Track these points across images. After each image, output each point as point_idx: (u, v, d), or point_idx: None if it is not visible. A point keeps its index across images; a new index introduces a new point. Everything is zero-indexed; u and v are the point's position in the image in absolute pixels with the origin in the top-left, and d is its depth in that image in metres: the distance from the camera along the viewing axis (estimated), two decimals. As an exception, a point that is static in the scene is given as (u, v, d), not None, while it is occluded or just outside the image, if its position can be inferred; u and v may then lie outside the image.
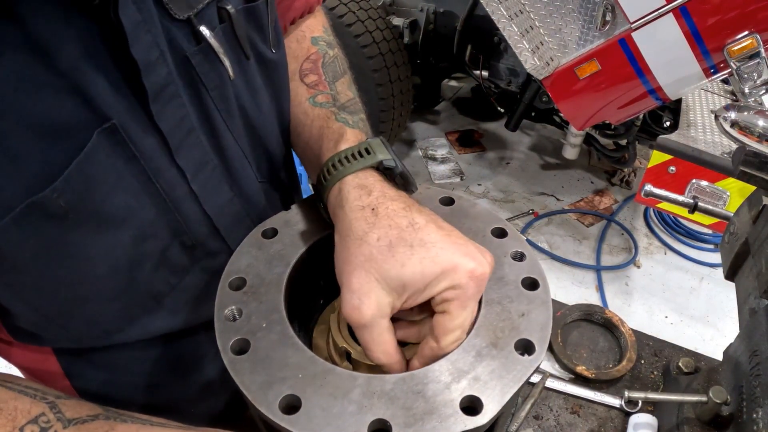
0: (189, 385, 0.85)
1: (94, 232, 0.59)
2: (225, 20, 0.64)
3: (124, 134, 0.56)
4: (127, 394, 0.79)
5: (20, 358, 0.76)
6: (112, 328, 0.70)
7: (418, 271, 0.55)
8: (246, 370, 0.52)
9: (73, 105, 0.52)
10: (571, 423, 0.84)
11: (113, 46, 0.53)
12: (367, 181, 0.64)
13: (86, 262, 0.61)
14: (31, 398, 0.57)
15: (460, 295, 0.55)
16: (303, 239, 0.67)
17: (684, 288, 3.04)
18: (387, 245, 0.57)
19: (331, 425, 0.48)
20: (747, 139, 1.90)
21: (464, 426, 0.48)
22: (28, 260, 0.56)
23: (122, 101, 0.56)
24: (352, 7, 3.05)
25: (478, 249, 0.58)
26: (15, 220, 0.51)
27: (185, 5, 0.59)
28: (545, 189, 3.75)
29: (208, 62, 0.63)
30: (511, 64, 3.09)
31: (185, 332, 0.78)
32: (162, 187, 0.63)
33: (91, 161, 0.54)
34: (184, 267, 0.72)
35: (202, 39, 0.61)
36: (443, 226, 0.59)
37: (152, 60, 0.56)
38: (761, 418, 0.61)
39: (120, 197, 0.59)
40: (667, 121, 2.72)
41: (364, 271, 0.57)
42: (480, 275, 0.56)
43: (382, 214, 0.59)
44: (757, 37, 1.85)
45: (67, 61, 0.50)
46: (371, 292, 0.56)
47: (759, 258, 0.67)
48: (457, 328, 0.56)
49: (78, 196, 0.55)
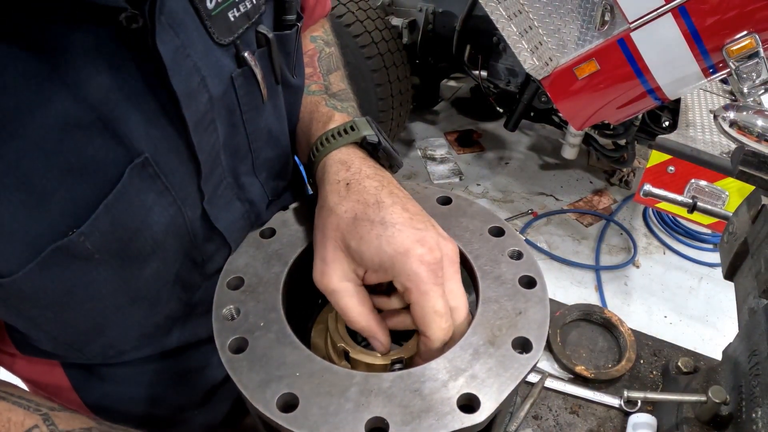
0: (192, 393, 0.85)
1: (119, 268, 0.58)
2: (263, 45, 0.65)
3: (156, 167, 0.54)
4: (131, 404, 0.78)
5: (25, 371, 0.75)
6: (126, 348, 0.70)
7: (374, 247, 0.57)
8: (244, 369, 0.52)
9: (102, 140, 0.49)
10: (570, 423, 0.84)
11: (148, 76, 0.50)
12: (348, 156, 0.67)
13: (109, 297, 0.60)
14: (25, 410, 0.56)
15: (415, 281, 0.56)
16: (301, 239, 0.67)
17: (683, 288, 3.04)
18: (352, 218, 0.60)
19: (328, 423, 0.48)
20: (746, 138, 1.90)
21: (461, 424, 0.48)
22: (50, 297, 0.55)
23: (156, 133, 0.53)
24: (351, 7, 3.05)
25: (437, 235, 0.59)
26: (40, 265, 0.50)
27: (226, 30, 0.58)
28: (544, 189, 3.75)
29: (248, 85, 0.63)
30: (510, 64, 3.09)
31: (194, 345, 0.78)
32: (187, 215, 0.62)
33: (121, 200, 0.52)
34: (196, 284, 0.72)
35: (244, 62, 0.61)
36: (409, 208, 0.61)
37: (193, 88, 0.54)
38: (760, 418, 0.61)
39: (148, 235, 0.58)
40: (666, 121, 2.72)
41: (332, 241, 0.60)
42: (430, 261, 0.56)
43: (353, 189, 0.62)
44: (756, 37, 1.85)
45: (97, 93, 0.47)
46: (336, 261, 0.60)
47: (758, 258, 0.67)
48: (430, 315, 0.56)
49: (105, 237, 0.53)
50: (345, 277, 0.60)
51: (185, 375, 0.82)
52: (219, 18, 0.56)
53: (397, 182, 0.67)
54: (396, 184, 0.66)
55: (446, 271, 0.58)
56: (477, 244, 0.66)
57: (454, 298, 0.58)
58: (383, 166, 0.70)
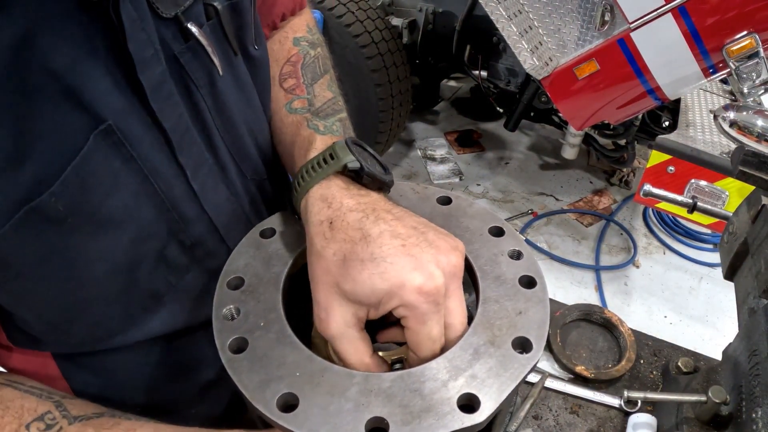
0: (188, 387, 0.85)
1: (93, 234, 0.59)
2: (212, 17, 0.65)
3: (120, 135, 0.56)
4: (126, 397, 0.78)
5: (19, 364, 0.75)
6: (113, 330, 0.70)
7: (368, 287, 0.54)
8: (244, 369, 0.52)
9: (67, 108, 0.51)
10: (570, 423, 0.84)
11: (107, 45, 0.53)
12: (329, 191, 0.63)
13: (87, 265, 0.60)
14: (38, 397, 0.57)
15: (413, 312, 0.54)
16: (301, 239, 0.67)
17: (683, 288, 3.04)
18: (341, 260, 0.57)
19: (328, 423, 0.48)
20: (746, 138, 1.90)
21: (461, 424, 0.48)
22: (29, 266, 0.56)
23: (118, 101, 0.55)
24: (351, 7, 3.05)
25: (433, 259, 0.55)
26: (14, 227, 0.51)
27: (171, 4, 0.59)
28: (544, 189, 3.75)
29: (197, 59, 0.63)
30: (510, 64, 3.09)
31: (184, 333, 0.78)
32: (160, 187, 0.63)
33: (88, 164, 0.54)
34: (184, 266, 0.72)
35: (191, 36, 0.61)
36: (400, 233, 0.57)
37: (147, 57, 0.56)
38: (760, 418, 0.61)
39: (118, 199, 0.59)
40: (666, 121, 2.72)
41: (326, 286, 0.58)
42: (430, 290, 0.53)
43: (337, 228, 0.59)
44: (756, 36, 1.85)
45: (61, 62, 0.50)
46: (334, 306, 0.57)
47: (758, 258, 0.67)
48: (424, 341, 0.55)
49: (76, 199, 0.54)
50: (345, 323, 0.57)
51: (181, 366, 0.82)
52: None
53: (385, 201, 0.63)
54: (383, 205, 0.62)
55: (449, 289, 0.56)
56: (477, 244, 0.66)
57: (452, 315, 0.57)
58: (371, 189, 0.65)
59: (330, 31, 3.08)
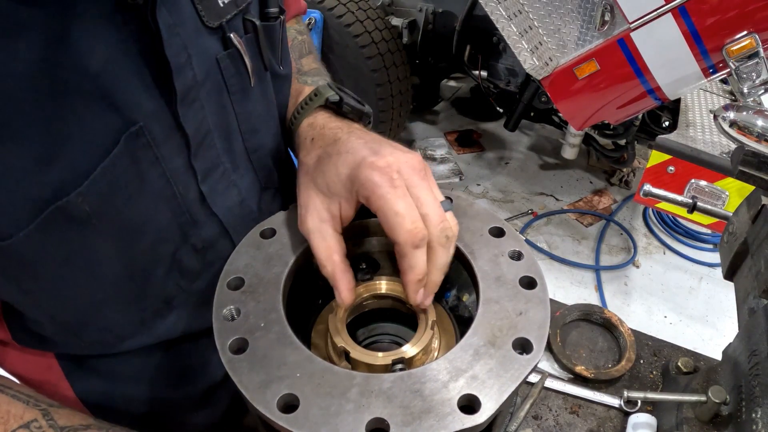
0: (189, 391, 0.85)
1: (115, 236, 0.59)
2: (250, 32, 0.69)
3: (149, 137, 0.57)
4: (128, 401, 0.78)
5: (16, 363, 0.75)
6: (124, 333, 0.70)
7: (334, 174, 0.61)
8: (244, 370, 0.52)
9: (99, 108, 0.52)
10: (570, 423, 0.84)
11: (139, 48, 0.53)
12: (315, 120, 0.75)
13: (105, 267, 0.61)
14: (24, 404, 0.57)
15: (372, 189, 0.57)
16: (301, 239, 0.67)
17: (683, 288, 3.04)
18: (316, 161, 0.65)
19: (329, 424, 0.48)
20: (746, 138, 1.90)
21: (462, 425, 0.48)
22: (49, 266, 0.56)
23: (149, 104, 0.56)
24: (351, 7, 3.05)
25: (393, 149, 0.61)
26: (39, 226, 0.51)
27: (215, 14, 0.62)
28: (544, 189, 3.75)
29: (234, 67, 0.66)
30: (510, 64, 3.09)
31: (189, 338, 0.78)
32: (178, 190, 0.64)
33: (116, 166, 0.55)
34: (196, 271, 0.73)
35: (231, 45, 0.65)
36: (365, 137, 0.65)
37: (181, 62, 0.57)
38: (760, 418, 0.61)
39: (141, 201, 0.60)
40: (665, 121, 2.72)
41: (305, 187, 0.65)
42: (382, 166, 0.57)
43: (317, 140, 0.70)
44: (756, 36, 1.85)
45: (96, 63, 0.50)
46: (310, 204, 0.63)
47: (758, 258, 0.67)
48: (391, 217, 0.56)
49: (102, 200, 0.55)
50: (320, 218, 0.62)
51: (184, 373, 0.82)
52: (209, 2, 0.61)
53: (362, 127, 0.72)
54: (359, 128, 0.70)
55: (406, 176, 0.58)
56: (477, 245, 0.66)
57: (423, 205, 0.58)
58: (352, 120, 0.74)
59: (330, 31, 3.08)
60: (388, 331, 0.75)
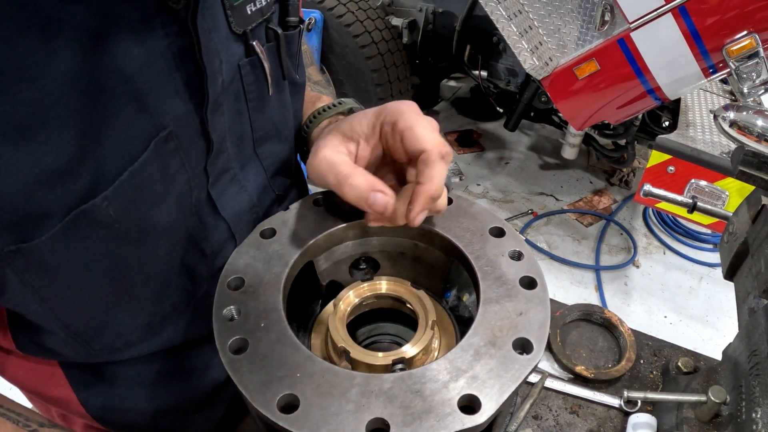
0: (191, 396, 0.85)
1: (137, 241, 0.59)
2: (272, 40, 0.69)
3: (177, 142, 0.57)
4: (131, 406, 0.78)
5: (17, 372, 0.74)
6: (133, 340, 0.70)
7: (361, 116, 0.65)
8: (244, 370, 0.52)
9: (132, 111, 0.51)
10: (570, 423, 0.84)
11: (174, 53, 0.53)
12: (331, 121, 0.78)
13: (125, 273, 0.61)
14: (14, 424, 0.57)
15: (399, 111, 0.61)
16: (302, 239, 0.67)
17: (683, 288, 3.05)
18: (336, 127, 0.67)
19: (329, 424, 0.48)
20: (746, 138, 1.90)
21: (462, 425, 0.48)
22: (69, 271, 0.55)
23: (179, 109, 0.56)
24: (351, 7, 3.05)
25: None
26: (64, 229, 0.50)
27: (243, 21, 0.63)
28: (544, 189, 3.75)
29: (254, 74, 0.67)
30: (510, 64, 3.09)
31: (192, 343, 0.78)
32: (194, 195, 0.65)
33: (145, 170, 0.54)
34: (204, 278, 0.73)
35: (253, 52, 0.65)
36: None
37: (215, 68, 0.58)
38: (760, 418, 0.61)
39: (164, 206, 0.60)
40: (665, 121, 2.72)
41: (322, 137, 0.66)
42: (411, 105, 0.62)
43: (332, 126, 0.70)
44: (756, 36, 1.85)
45: (132, 65, 0.49)
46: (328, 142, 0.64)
47: (758, 257, 0.67)
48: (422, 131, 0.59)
49: (127, 205, 0.54)
50: (336, 150, 0.63)
51: (186, 377, 0.82)
52: (239, 9, 0.61)
53: None
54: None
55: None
56: (477, 245, 0.66)
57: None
58: None
59: (330, 31, 3.08)
60: (388, 331, 0.75)
